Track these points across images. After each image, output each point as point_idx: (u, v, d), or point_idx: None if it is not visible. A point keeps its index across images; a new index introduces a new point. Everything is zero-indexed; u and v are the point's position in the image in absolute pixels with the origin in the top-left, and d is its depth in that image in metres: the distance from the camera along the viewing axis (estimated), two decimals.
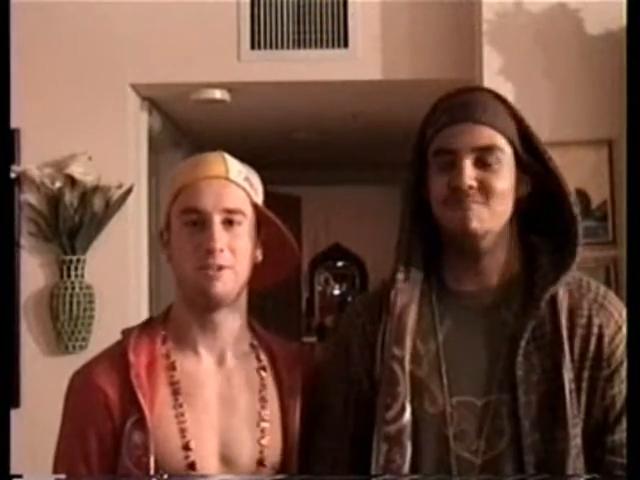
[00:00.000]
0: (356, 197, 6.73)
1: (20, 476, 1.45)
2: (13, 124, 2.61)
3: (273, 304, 5.43)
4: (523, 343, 1.26)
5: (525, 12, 2.80)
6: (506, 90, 2.75)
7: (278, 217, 1.44)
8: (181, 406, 1.34)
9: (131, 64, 3.15)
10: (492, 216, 1.29)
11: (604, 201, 2.74)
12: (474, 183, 1.28)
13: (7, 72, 1.63)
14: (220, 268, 1.34)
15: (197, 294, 1.35)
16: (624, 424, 1.25)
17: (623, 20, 2.47)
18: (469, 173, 1.27)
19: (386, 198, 6.04)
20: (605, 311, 1.30)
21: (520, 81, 2.78)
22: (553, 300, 1.29)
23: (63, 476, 1.39)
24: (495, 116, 1.31)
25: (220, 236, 1.33)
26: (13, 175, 2.95)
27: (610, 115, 2.69)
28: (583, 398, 1.26)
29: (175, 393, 1.35)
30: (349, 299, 7.58)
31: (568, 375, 1.24)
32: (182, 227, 1.35)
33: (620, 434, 1.25)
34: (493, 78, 2.78)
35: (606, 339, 1.27)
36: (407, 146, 1.40)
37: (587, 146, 2.74)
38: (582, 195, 2.74)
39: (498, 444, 1.27)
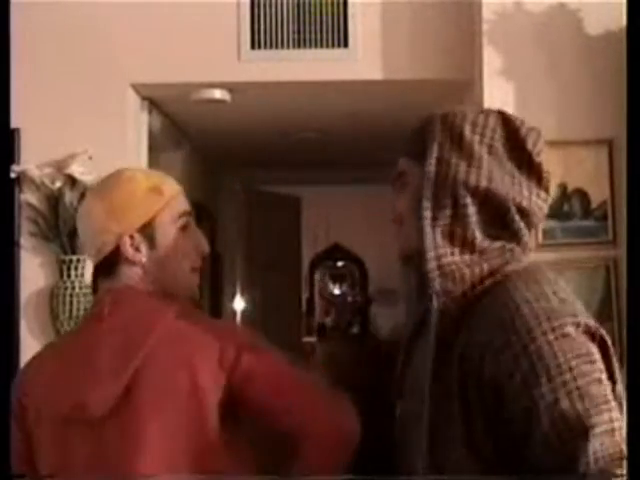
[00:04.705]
0: (356, 197, 6.72)
1: (22, 476, 1.46)
2: (13, 124, 2.61)
3: (273, 304, 5.44)
4: (433, 357, 1.23)
5: (525, 12, 2.80)
6: (506, 90, 2.76)
7: (278, 217, 1.52)
8: None
9: (131, 64, 3.15)
10: (408, 236, 1.33)
11: (604, 201, 2.74)
12: (396, 212, 1.38)
13: (7, 72, 1.63)
14: (201, 269, 1.54)
15: (186, 290, 1.51)
16: (533, 438, 1.12)
17: (623, 20, 2.47)
18: (393, 203, 1.39)
19: (386, 198, 6.03)
20: (498, 323, 1.18)
21: (520, 81, 2.78)
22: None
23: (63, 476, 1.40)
24: (407, 142, 1.38)
25: None
26: (13, 175, 2.95)
27: (610, 115, 2.69)
28: (480, 416, 1.17)
29: None
30: (349, 299, 7.59)
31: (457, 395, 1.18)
32: (178, 230, 1.48)
33: (532, 450, 1.12)
34: (493, 78, 2.78)
35: (489, 356, 1.16)
36: None
37: (587, 146, 2.74)
38: (582, 195, 2.74)
39: (418, 458, 1.24)
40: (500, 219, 1.27)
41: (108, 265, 1.46)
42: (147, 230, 1.45)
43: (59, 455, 1.39)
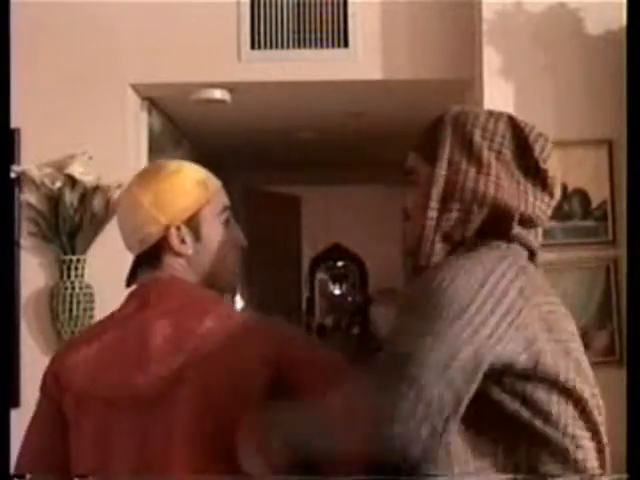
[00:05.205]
0: (356, 197, 6.73)
1: (22, 476, 1.46)
2: (13, 124, 2.61)
3: (273, 304, 5.44)
4: None
5: (525, 12, 2.80)
6: (506, 90, 2.76)
7: (278, 217, 1.55)
8: None
9: (131, 64, 3.15)
10: (414, 233, 1.35)
11: (604, 201, 2.74)
12: (405, 208, 1.39)
13: (7, 72, 1.63)
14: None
15: (227, 283, 1.54)
16: None
17: (623, 20, 2.47)
18: (406, 198, 1.39)
19: (386, 198, 6.04)
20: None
21: (520, 81, 2.78)
22: None
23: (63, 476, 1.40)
24: (419, 139, 1.38)
25: None
26: (13, 175, 2.95)
27: (610, 115, 2.69)
28: None
29: None
30: (349, 299, 7.59)
31: None
32: (221, 224, 1.51)
33: None
34: (493, 78, 2.79)
35: None
36: (407, 146, 1.41)
37: (587, 146, 2.74)
38: (582, 195, 2.74)
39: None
40: (502, 225, 1.30)
41: (151, 256, 1.46)
42: (193, 222, 1.47)
43: (102, 440, 1.38)
